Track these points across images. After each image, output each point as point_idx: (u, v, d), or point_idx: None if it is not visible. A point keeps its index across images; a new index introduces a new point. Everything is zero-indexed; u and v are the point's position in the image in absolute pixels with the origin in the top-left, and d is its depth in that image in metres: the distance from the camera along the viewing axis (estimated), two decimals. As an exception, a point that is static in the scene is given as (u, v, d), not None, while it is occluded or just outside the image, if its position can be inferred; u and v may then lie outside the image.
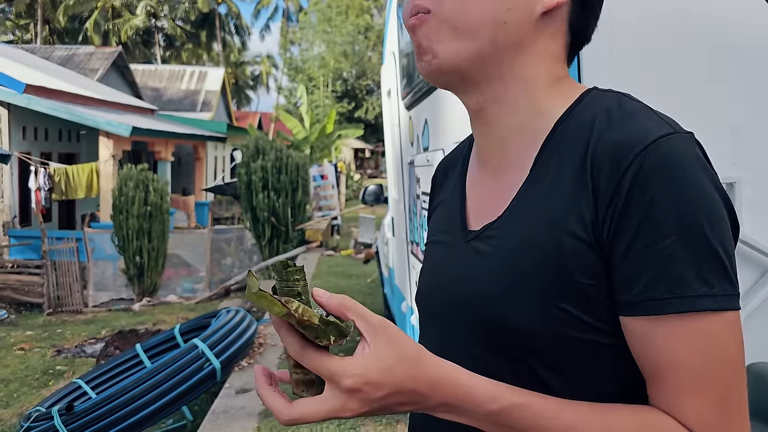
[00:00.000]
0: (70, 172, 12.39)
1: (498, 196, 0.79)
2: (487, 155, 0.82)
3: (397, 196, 3.82)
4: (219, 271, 11.48)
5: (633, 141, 0.66)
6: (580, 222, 0.68)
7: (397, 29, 3.41)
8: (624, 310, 0.66)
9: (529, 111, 0.77)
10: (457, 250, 0.82)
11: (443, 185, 0.97)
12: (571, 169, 0.70)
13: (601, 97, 0.75)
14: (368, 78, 34.87)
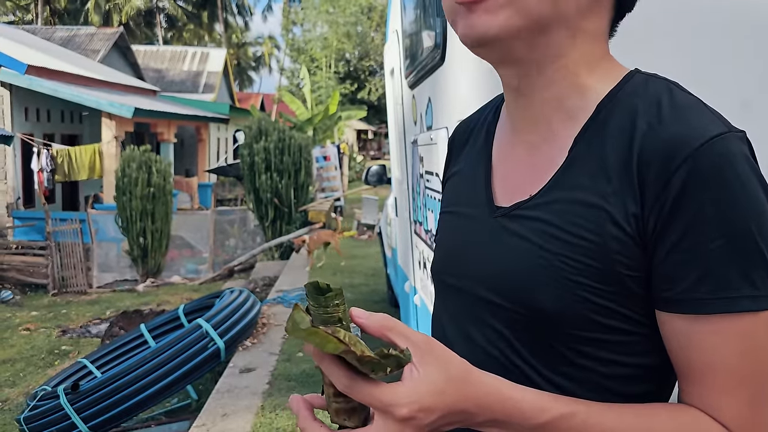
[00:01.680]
0: (73, 153, 12.39)
1: (531, 174, 0.77)
2: (520, 129, 0.80)
3: (400, 175, 3.81)
4: (222, 252, 11.51)
5: (685, 139, 0.65)
6: (624, 214, 0.67)
7: (400, 7, 3.38)
8: (664, 306, 0.67)
9: (568, 87, 0.74)
10: (483, 225, 0.80)
11: (462, 152, 0.94)
12: (616, 158, 0.69)
13: (647, 83, 0.73)
14: (371, 59, 34.65)
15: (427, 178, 2.48)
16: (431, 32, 2.34)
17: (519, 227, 0.75)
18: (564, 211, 0.71)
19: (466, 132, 0.95)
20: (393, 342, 0.61)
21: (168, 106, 16.58)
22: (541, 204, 0.73)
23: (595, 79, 0.74)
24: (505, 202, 0.79)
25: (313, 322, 0.57)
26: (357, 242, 11.34)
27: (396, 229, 4.59)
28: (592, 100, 0.73)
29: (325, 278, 7.29)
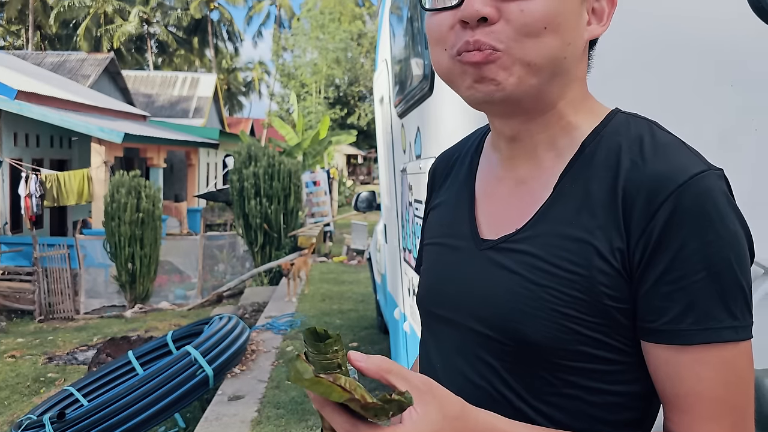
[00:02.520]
0: (62, 178, 12.35)
1: (517, 208, 0.79)
2: (508, 165, 0.83)
3: (389, 203, 3.84)
4: (211, 277, 11.45)
5: (668, 176, 0.68)
6: (609, 248, 0.70)
7: (389, 37, 3.44)
8: (650, 336, 0.70)
9: (559, 127, 0.78)
10: (469, 257, 0.82)
11: (444, 184, 0.96)
12: (601, 193, 0.72)
13: (629, 122, 0.76)
14: (361, 84, 34.94)
15: (416, 206, 2.51)
16: (420, 63, 2.39)
17: (506, 260, 0.77)
18: (550, 245, 0.73)
19: (447, 164, 0.97)
20: (392, 384, 0.62)
21: (158, 131, 16.60)
22: (527, 237, 0.76)
23: (580, 118, 0.78)
24: (490, 235, 0.81)
25: (314, 370, 0.57)
26: (346, 267, 11.33)
27: (385, 256, 4.61)
28: (577, 138, 0.77)
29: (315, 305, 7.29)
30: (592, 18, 0.77)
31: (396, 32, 3.13)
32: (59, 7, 33.78)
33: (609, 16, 0.78)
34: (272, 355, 5.96)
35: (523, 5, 0.70)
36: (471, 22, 0.71)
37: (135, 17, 37.53)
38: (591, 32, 0.77)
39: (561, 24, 0.71)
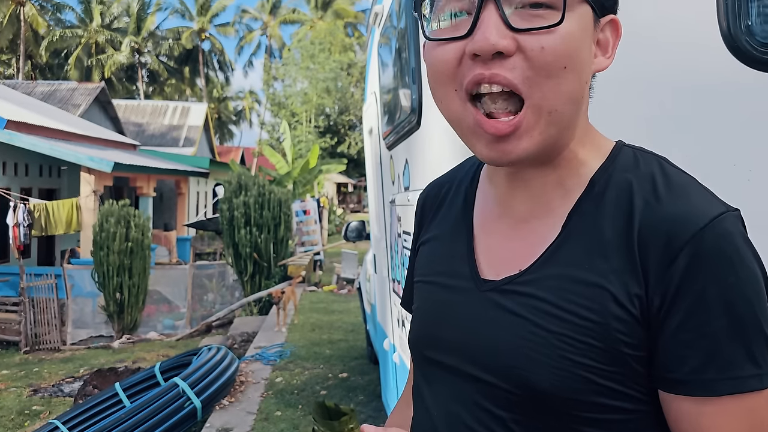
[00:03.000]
0: (51, 207, 12.29)
1: (521, 247, 0.75)
2: (511, 203, 0.78)
3: (378, 233, 3.86)
4: (200, 307, 11.37)
5: (687, 219, 0.65)
6: (626, 294, 0.66)
7: (378, 70, 3.49)
8: (670, 387, 0.66)
9: (569, 167, 0.74)
10: (469, 299, 0.77)
11: (435, 217, 0.90)
12: (613, 235, 0.68)
13: (637, 158, 0.73)
14: (351, 113, 35.18)
15: (404, 237, 2.53)
16: (408, 96, 2.43)
17: (511, 303, 0.72)
18: (560, 288, 0.69)
19: (437, 196, 0.92)
20: None
21: (148, 160, 16.61)
22: (534, 280, 0.71)
23: (586, 153, 0.74)
24: (491, 276, 0.76)
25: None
26: (336, 297, 11.28)
27: (375, 286, 4.61)
28: (584, 175, 0.74)
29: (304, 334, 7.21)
30: (598, 50, 0.73)
31: (384, 65, 3.18)
32: (50, 37, 33.97)
33: (614, 48, 0.74)
34: (261, 387, 5.90)
35: (544, 40, 0.65)
36: (485, 55, 0.65)
37: (126, 47, 37.79)
38: (597, 65, 0.73)
39: (579, 61, 0.67)
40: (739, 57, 1.32)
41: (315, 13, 41.45)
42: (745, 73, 1.32)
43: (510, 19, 0.65)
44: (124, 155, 15.69)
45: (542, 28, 0.65)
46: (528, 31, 0.64)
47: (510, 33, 0.64)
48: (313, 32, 38.00)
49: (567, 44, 0.65)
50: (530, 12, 0.65)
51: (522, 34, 0.64)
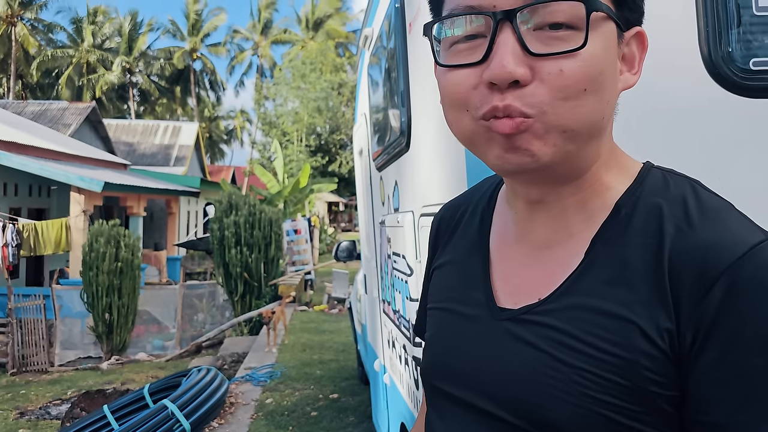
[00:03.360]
0: (40, 227, 12.22)
1: (540, 275, 0.70)
2: (529, 228, 0.74)
3: (368, 254, 3.86)
4: (190, 327, 11.29)
5: (723, 247, 0.60)
6: (655, 328, 0.61)
7: (368, 91, 3.51)
8: (704, 430, 0.60)
9: (592, 189, 0.69)
10: (484, 328, 0.73)
11: (450, 241, 0.86)
12: (641, 263, 0.63)
13: (667, 181, 0.68)
14: (342, 133, 35.31)
15: (394, 259, 2.53)
16: (397, 118, 2.45)
17: (528, 334, 0.68)
18: (581, 320, 0.64)
19: (452, 218, 0.88)
20: None
21: (138, 179, 16.57)
22: (554, 310, 0.67)
23: (612, 176, 0.70)
24: (509, 304, 0.72)
25: None
26: (327, 317, 11.24)
27: (365, 306, 4.60)
28: (609, 199, 0.69)
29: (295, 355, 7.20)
30: (623, 66, 0.68)
31: (374, 87, 3.21)
32: (41, 57, 34.00)
33: (640, 62, 0.70)
34: (251, 408, 5.86)
35: (563, 64, 0.60)
36: (502, 84, 0.61)
37: (118, 67, 37.86)
38: (624, 82, 0.68)
39: (602, 83, 0.63)
40: (720, 83, 1.34)
41: (306, 33, 41.74)
42: (727, 99, 1.34)
43: (528, 43, 0.61)
44: (115, 175, 15.66)
45: (563, 53, 0.60)
46: (548, 56, 0.61)
47: (527, 59, 0.61)
48: (304, 52, 38.21)
49: (589, 67, 0.61)
50: (549, 34, 0.61)
51: (540, 60, 0.61)
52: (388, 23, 2.50)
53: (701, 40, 1.35)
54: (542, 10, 0.61)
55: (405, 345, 2.37)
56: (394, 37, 2.34)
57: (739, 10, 1.34)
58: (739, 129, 1.35)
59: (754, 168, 1.33)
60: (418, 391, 2.19)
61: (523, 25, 0.61)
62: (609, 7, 0.63)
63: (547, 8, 0.61)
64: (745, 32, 1.35)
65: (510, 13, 0.61)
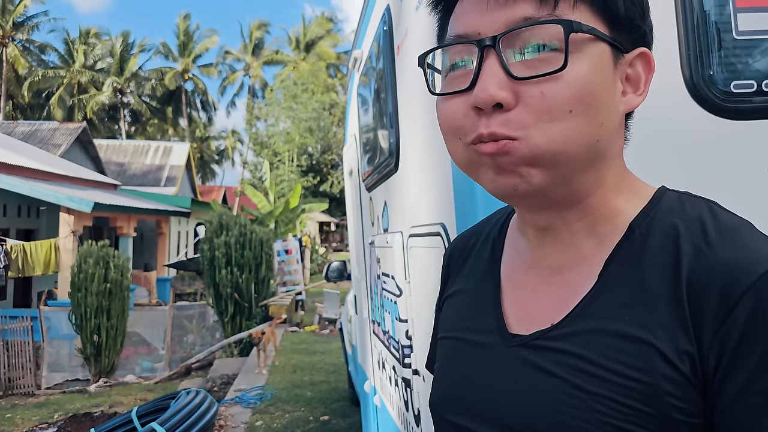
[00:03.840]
0: (28, 248, 12.13)
1: (553, 300, 0.69)
2: (540, 253, 0.72)
3: (359, 274, 3.86)
4: (180, 348, 11.19)
5: (745, 266, 0.58)
6: (675, 350, 0.58)
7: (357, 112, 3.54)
8: None
9: (601, 213, 0.68)
10: (495, 356, 0.71)
11: (462, 270, 0.86)
12: (658, 284, 0.61)
13: (682, 201, 0.67)
14: (333, 153, 35.40)
15: (383, 279, 2.53)
16: (386, 139, 2.46)
17: (542, 360, 0.65)
18: (598, 344, 0.62)
19: (465, 248, 0.88)
20: None
21: (128, 200, 16.52)
22: (568, 334, 0.64)
23: (623, 200, 0.69)
24: (520, 330, 0.70)
25: None
26: (318, 337, 11.17)
27: (356, 327, 4.59)
28: (621, 222, 0.68)
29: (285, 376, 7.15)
30: (627, 87, 0.67)
31: (364, 108, 3.23)
32: (33, 77, 34.02)
33: (647, 83, 0.68)
34: (241, 431, 5.79)
35: (545, 87, 0.60)
36: (485, 108, 0.62)
37: (109, 87, 37.91)
38: (627, 104, 0.67)
39: (590, 104, 0.61)
40: (702, 105, 1.36)
41: (298, 54, 42.01)
42: (709, 121, 1.36)
43: (512, 68, 0.61)
44: (105, 195, 15.61)
45: (544, 75, 0.60)
46: (529, 79, 0.61)
47: (510, 83, 0.61)
48: (295, 73, 38.44)
49: (573, 88, 0.60)
50: (533, 57, 0.61)
51: (523, 84, 0.61)
52: (377, 45, 2.53)
53: (683, 63, 1.37)
54: (524, 35, 0.62)
55: (395, 366, 2.36)
56: (383, 59, 2.37)
57: (719, 33, 1.37)
58: (721, 150, 1.36)
59: (737, 189, 1.35)
60: (408, 413, 2.18)
61: (507, 50, 0.62)
62: (593, 28, 0.63)
63: (529, 33, 0.61)
64: (726, 55, 1.37)
65: (494, 39, 0.62)
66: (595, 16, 0.63)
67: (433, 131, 1.72)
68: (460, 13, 0.67)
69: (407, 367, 2.05)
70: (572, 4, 0.62)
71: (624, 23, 0.65)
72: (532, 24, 0.61)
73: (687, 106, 1.36)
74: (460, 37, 0.65)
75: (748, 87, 1.36)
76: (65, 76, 36.41)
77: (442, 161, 1.65)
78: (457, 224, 1.49)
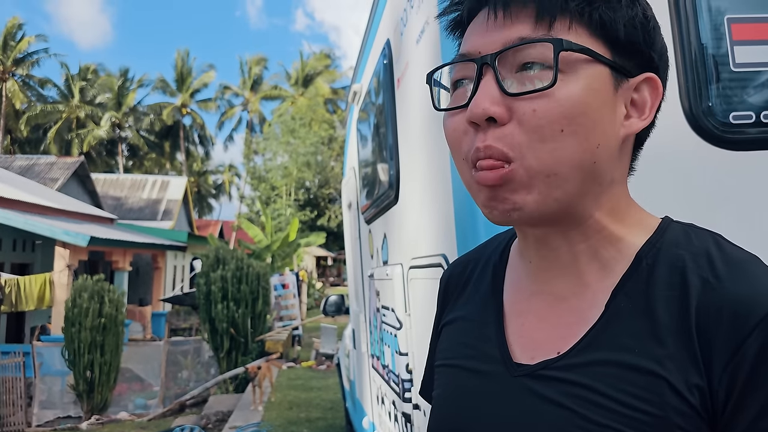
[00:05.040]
0: (22, 283, 12.05)
1: (558, 329, 0.68)
2: (542, 278, 0.72)
3: (357, 308, 3.83)
4: (174, 385, 11.03)
5: (754, 300, 0.57)
6: (684, 383, 0.58)
7: (356, 147, 3.55)
8: None
9: (602, 239, 0.68)
10: (499, 385, 0.69)
11: (461, 296, 0.84)
12: (667, 316, 0.61)
13: (688, 233, 0.67)
14: (331, 187, 35.52)
15: (383, 312, 2.51)
16: (386, 172, 2.47)
17: (550, 390, 0.64)
18: (608, 375, 0.61)
19: (462, 274, 0.87)
20: None
21: (125, 234, 16.47)
22: (576, 365, 0.64)
23: (626, 230, 0.68)
24: (524, 360, 0.69)
25: None
26: (315, 373, 11.04)
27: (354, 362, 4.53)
28: (624, 250, 0.67)
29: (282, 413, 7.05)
30: (633, 111, 0.67)
31: (363, 141, 3.25)
32: (31, 112, 34.24)
33: (652, 109, 0.68)
34: (236, 469, 5.68)
35: (536, 104, 0.61)
36: (480, 123, 0.63)
37: (106, 122, 38.15)
38: (629, 128, 0.67)
39: (583, 125, 0.62)
40: (702, 135, 1.37)
41: (296, 89, 42.44)
42: (709, 151, 1.37)
43: (507, 85, 0.63)
44: (101, 229, 15.58)
45: (535, 92, 0.61)
46: (521, 95, 0.62)
47: (503, 99, 0.62)
48: (294, 108, 38.77)
49: (563, 107, 0.61)
50: (527, 75, 0.63)
51: (516, 100, 0.62)
52: (377, 79, 2.55)
53: (682, 95, 1.38)
54: (519, 54, 0.63)
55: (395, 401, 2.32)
56: (383, 92, 2.39)
57: (717, 66, 1.38)
58: (720, 180, 1.37)
59: (736, 218, 1.35)
60: (407, 449, 2.14)
61: (504, 69, 0.64)
62: (586, 48, 0.63)
63: (523, 51, 0.63)
64: (724, 87, 1.39)
65: (490, 57, 0.64)
66: (594, 39, 0.64)
67: (434, 163, 1.72)
68: (467, 35, 0.70)
69: (408, 402, 2.02)
70: (568, 25, 0.64)
71: (625, 47, 0.66)
72: (525, 43, 0.63)
73: (686, 136, 1.37)
74: (462, 56, 0.68)
75: (747, 118, 1.37)
76: (64, 111, 36.66)
77: (443, 192, 1.65)
78: (459, 254, 1.49)
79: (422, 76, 1.78)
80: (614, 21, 0.64)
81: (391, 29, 2.27)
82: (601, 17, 0.64)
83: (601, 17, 0.64)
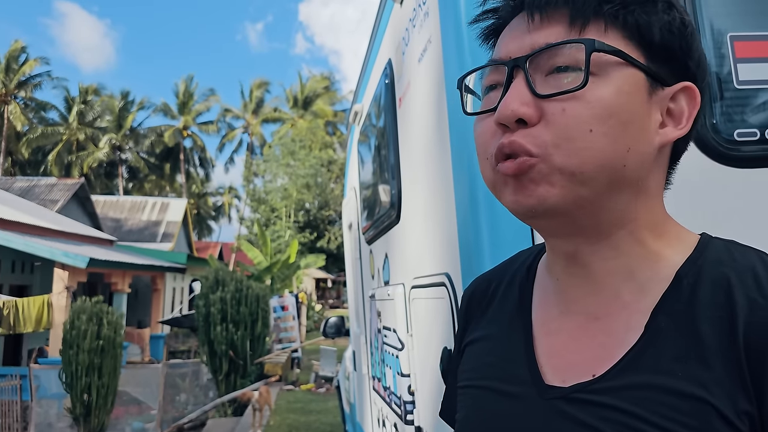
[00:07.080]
0: (20, 304, 11.99)
1: (593, 350, 0.65)
2: (574, 297, 0.69)
3: (358, 329, 3.80)
4: (172, 408, 10.92)
5: None
6: (733, 410, 0.55)
7: (357, 166, 3.55)
8: None
9: (637, 255, 0.65)
10: (530, 408, 0.66)
11: (485, 314, 0.81)
12: (713, 338, 0.58)
13: (731, 251, 0.64)
14: (331, 208, 35.54)
15: (384, 333, 2.48)
16: (387, 191, 2.46)
17: (585, 415, 0.61)
18: (649, 400, 0.58)
19: (486, 291, 0.84)
20: None
21: (124, 255, 16.44)
22: (614, 388, 0.60)
23: (664, 245, 0.66)
24: (556, 382, 0.66)
25: None
26: (314, 396, 10.94)
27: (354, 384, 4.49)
28: (663, 270, 0.65)
29: (280, 436, 6.86)
30: (668, 120, 0.66)
31: (364, 161, 3.24)
32: (32, 134, 34.39)
33: (690, 119, 0.66)
34: (234, 494, 5.60)
35: (567, 105, 0.61)
36: (509, 125, 0.62)
37: (106, 144, 38.28)
38: (665, 136, 0.65)
39: (613, 127, 0.60)
40: (706, 153, 1.37)
41: (296, 112, 42.67)
42: (714, 169, 1.36)
43: (537, 87, 0.63)
44: (100, 251, 15.54)
45: (565, 92, 0.61)
46: (551, 97, 0.61)
47: (533, 100, 0.62)
48: (294, 130, 38.94)
49: (594, 109, 0.60)
50: (558, 77, 0.62)
51: (546, 101, 0.62)
52: (379, 99, 2.55)
53: (686, 113, 1.38)
54: (551, 57, 0.63)
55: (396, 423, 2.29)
56: (385, 111, 2.39)
57: (721, 84, 1.38)
58: (725, 198, 1.36)
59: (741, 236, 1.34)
60: (409, 473, 2.10)
61: (535, 71, 0.64)
62: (618, 50, 0.62)
63: (554, 54, 0.63)
64: (729, 105, 1.38)
65: (522, 59, 0.64)
66: (628, 43, 0.64)
67: (436, 181, 1.72)
68: (499, 42, 0.71)
69: (410, 424, 1.99)
70: (603, 29, 0.63)
71: (660, 52, 0.65)
72: (556, 45, 0.63)
73: (691, 154, 1.36)
74: (494, 60, 0.69)
75: (752, 135, 1.37)
76: (64, 133, 36.81)
77: (447, 210, 1.63)
78: (463, 273, 1.47)
79: (424, 96, 1.78)
80: (650, 25, 0.64)
81: (392, 48, 2.27)
82: (637, 21, 0.63)
83: (637, 21, 0.63)
